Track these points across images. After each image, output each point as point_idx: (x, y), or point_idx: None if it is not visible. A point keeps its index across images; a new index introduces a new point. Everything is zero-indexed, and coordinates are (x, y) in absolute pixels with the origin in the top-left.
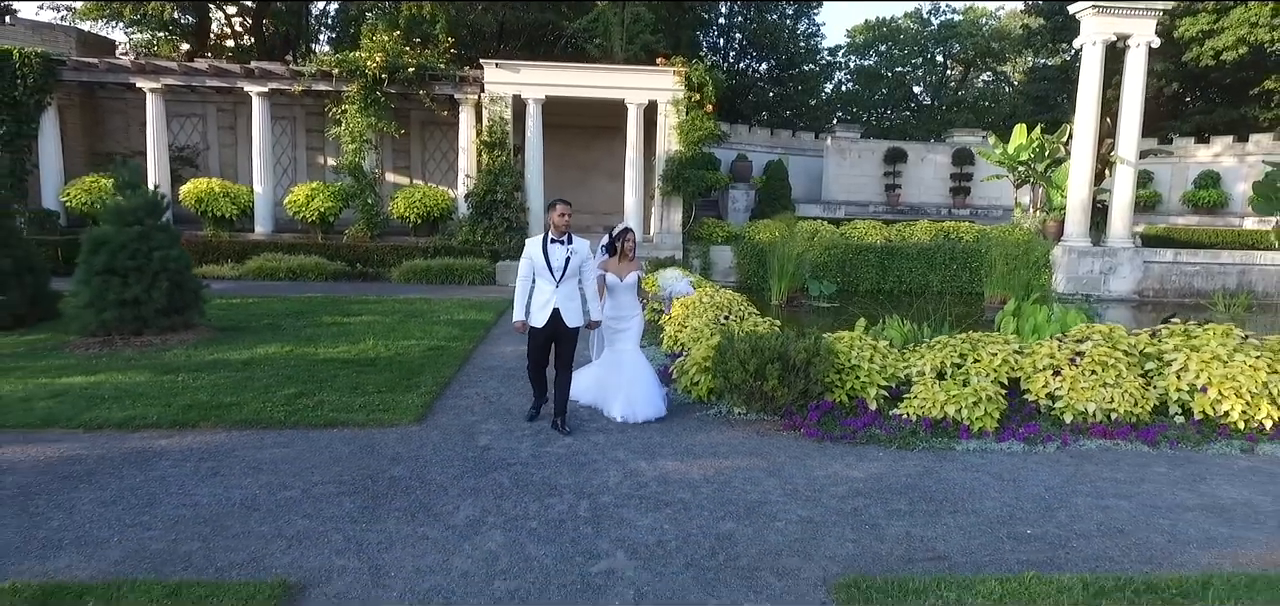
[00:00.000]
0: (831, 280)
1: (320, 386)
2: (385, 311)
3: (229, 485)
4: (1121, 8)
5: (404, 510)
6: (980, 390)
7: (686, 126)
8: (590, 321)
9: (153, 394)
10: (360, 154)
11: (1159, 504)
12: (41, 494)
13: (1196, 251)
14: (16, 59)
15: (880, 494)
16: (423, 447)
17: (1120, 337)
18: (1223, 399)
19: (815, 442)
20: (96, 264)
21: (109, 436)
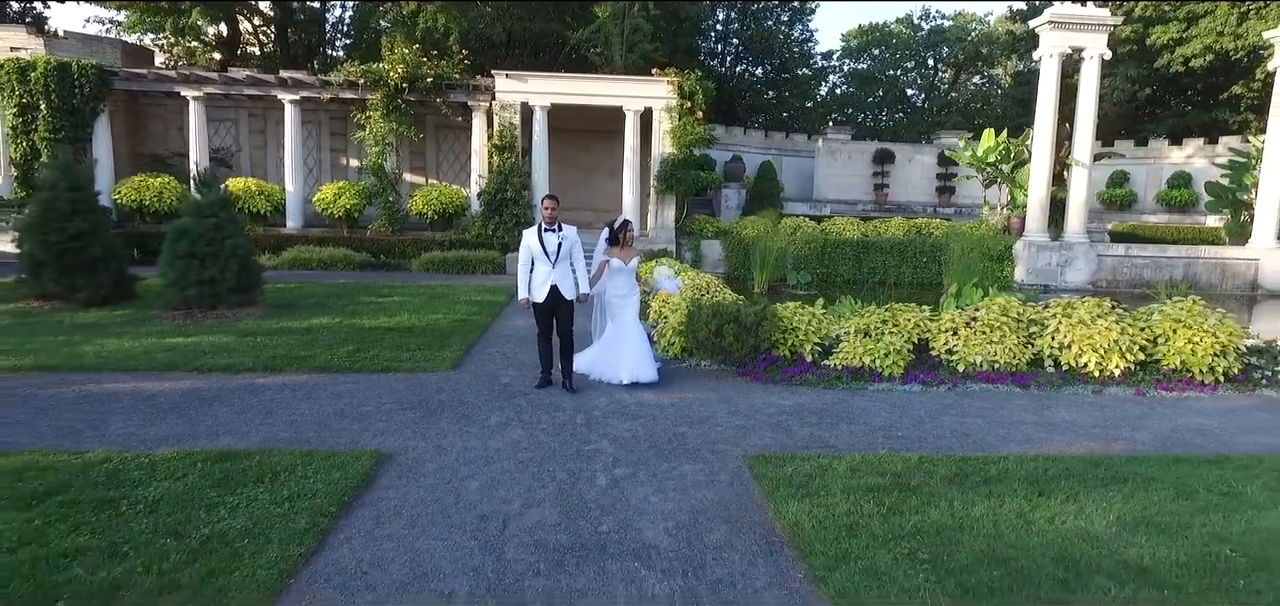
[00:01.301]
0: (812, 272)
1: (372, 345)
2: (412, 294)
3: (321, 404)
4: (1076, 23)
5: (451, 418)
6: (890, 345)
7: (679, 131)
8: (581, 295)
9: (241, 349)
10: (382, 156)
11: (1006, 421)
12: (189, 408)
13: (1146, 246)
14: (75, 70)
15: (799, 413)
16: (459, 384)
17: (1011, 308)
18: (1083, 353)
19: (760, 384)
20: (180, 249)
21: (220, 376)
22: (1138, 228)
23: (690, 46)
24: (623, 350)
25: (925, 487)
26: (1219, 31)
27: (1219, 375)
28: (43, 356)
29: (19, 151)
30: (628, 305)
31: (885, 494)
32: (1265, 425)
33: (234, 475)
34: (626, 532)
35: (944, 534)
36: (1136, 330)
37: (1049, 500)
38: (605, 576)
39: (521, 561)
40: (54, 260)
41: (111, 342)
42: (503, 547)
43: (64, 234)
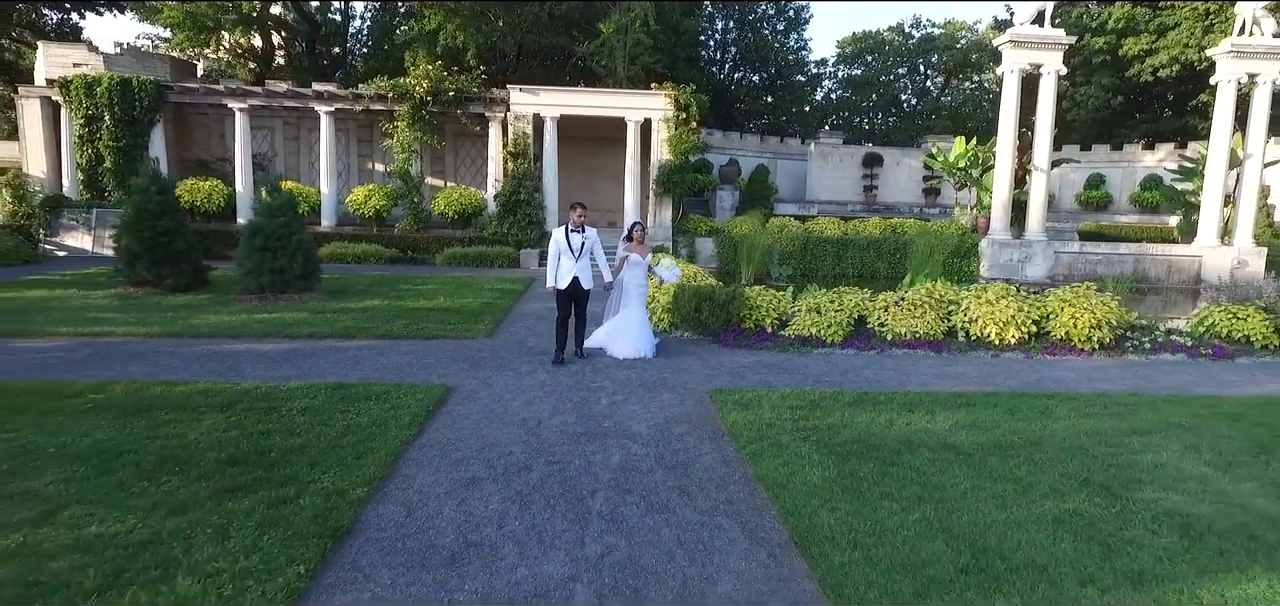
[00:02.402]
0: (795, 267)
1: (420, 320)
2: (442, 283)
3: (393, 359)
4: (1035, 42)
5: (492, 367)
6: (833, 319)
7: (676, 140)
8: (606, 284)
9: (318, 322)
10: (408, 162)
11: (912, 373)
12: (296, 360)
13: (1100, 244)
14: (135, 85)
15: (755, 367)
16: (494, 347)
17: (934, 292)
18: (986, 326)
19: (729, 349)
20: (255, 244)
21: (308, 341)
22: (1103, 227)
23: (690, 56)
24: (628, 331)
25: (828, 407)
26: (1185, 44)
27: (1095, 344)
28: (166, 327)
29: (85, 157)
30: (640, 293)
31: (799, 410)
32: (1109, 377)
33: (350, 396)
34: (621, 427)
35: (831, 429)
36: (1031, 308)
37: (912, 414)
38: (606, 446)
39: (553, 439)
40: (147, 252)
41: (212, 318)
42: (540, 433)
43: (155, 231)
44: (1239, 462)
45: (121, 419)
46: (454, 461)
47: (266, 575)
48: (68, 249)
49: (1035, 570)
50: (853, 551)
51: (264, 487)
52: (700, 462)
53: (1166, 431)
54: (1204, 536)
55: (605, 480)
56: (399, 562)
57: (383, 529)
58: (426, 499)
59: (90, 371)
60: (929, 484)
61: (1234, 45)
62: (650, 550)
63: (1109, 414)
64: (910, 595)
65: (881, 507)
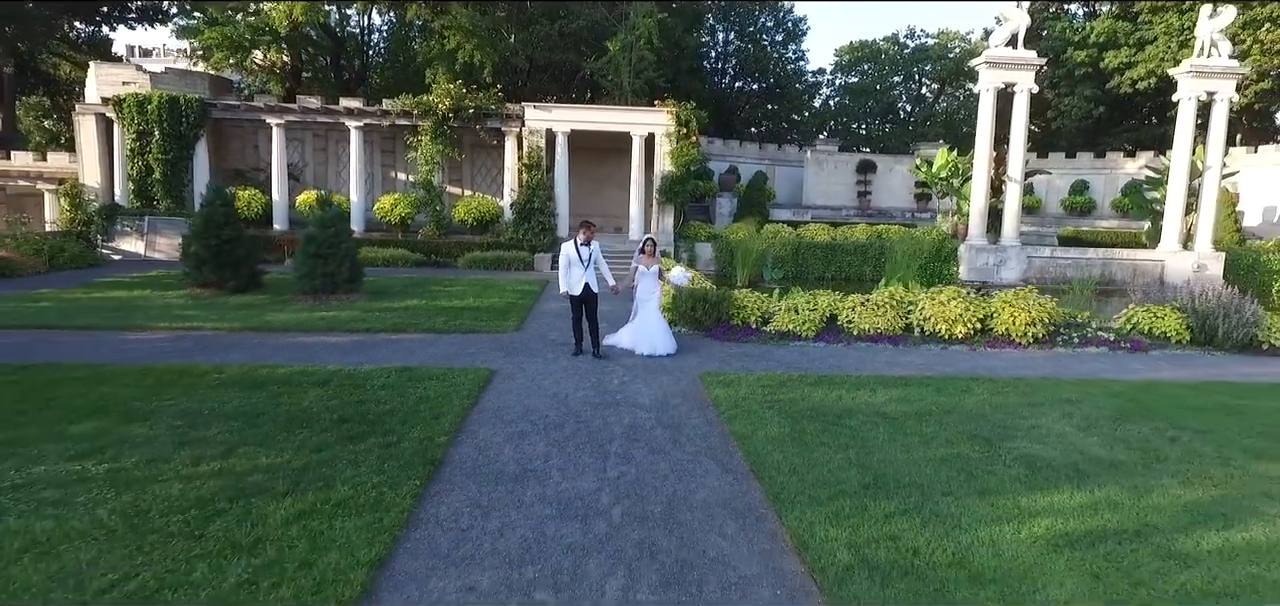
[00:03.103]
0: (786, 270)
1: (456, 317)
2: (469, 285)
3: (441, 349)
4: (1007, 63)
5: (524, 355)
6: (807, 316)
7: (677, 152)
8: (612, 287)
9: (370, 320)
10: (431, 173)
11: (869, 361)
12: (361, 350)
13: (1068, 249)
14: (182, 103)
15: (739, 356)
16: (523, 339)
17: (896, 295)
18: (938, 323)
19: (719, 342)
20: (310, 251)
21: (365, 335)
22: (1081, 232)
23: (692, 67)
24: (646, 331)
25: (793, 385)
26: (1161, 58)
27: (1030, 338)
28: (243, 322)
29: (135, 169)
30: (652, 298)
31: (769, 388)
32: (1034, 365)
33: (415, 377)
34: (629, 399)
35: (792, 402)
36: (976, 308)
37: (858, 391)
38: (619, 412)
39: (578, 407)
40: (212, 258)
41: (279, 315)
42: (568, 402)
43: (220, 239)
44: (1097, 425)
45: (245, 391)
46: (505, 421)
47: (395, 485)
48: (122, 253)
49: (914, 486)
50: (791, 476)
51: (373, 436)
52: (689, 423)
53: (1054, 404)
54: (1042, 470)
55: (619, 433)
56: (480, 480)
57: (463, 462)
58: (490, 444)
59: (201, 357)
60: (857, 437)
61: (1193, 66)
62: (650, 474)
63: (1016, 392)
64: (825, 499)
65: (817, 451)
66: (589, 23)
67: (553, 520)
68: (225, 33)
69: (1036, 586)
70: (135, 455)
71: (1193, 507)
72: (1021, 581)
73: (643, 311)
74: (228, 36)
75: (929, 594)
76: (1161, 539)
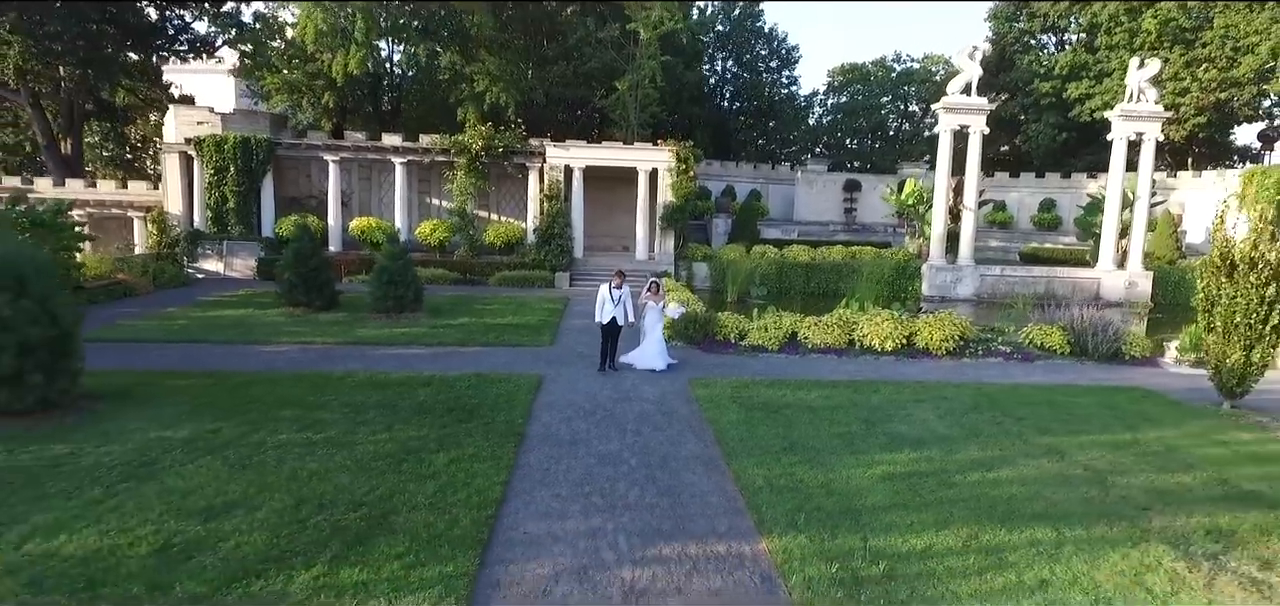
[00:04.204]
0: (771, 286)
1: (502, 333)
2: (504, 303)
3: (499, 359)
4: (962, 108)
5: (561, 365)
6: (773, 334)
7: (677, 186)
8: (630, 321)
9: (437, 335)
10: (465, 202)
11: (816, 369)
12: (439, 360)
13: (1016, 268)
14: (253, 143)
15: (718, 366)
16: (558, 352)
17: (845, 318)
18: (873, 338)
19: (705, 353)
20: (383, 278)
21: (438, 347)
22: (1038, 250)
23: (693, 95)
24: (649, 352)
25: (754, 387)
26: (1115, 91)
27: (944, 350)
28: (342, 337)
29: (212, 199)
30: (655, 328)
31: (735, 389)
32: (939, 372)
33: (488, 380)
34: (639, 396)
35: (750, 398)
36: (903, 327)
37: (797, 391)
38: (631, 404)
39: (604, 401)
40: (303, 283)
41: (366, 331)
42: (597, 398)
43: (308, 267)
44: (951, 414)
45: (375, 390)
46: (557, 409)
47: (499, 446)
48: (204, 272)
49: (812, 448)
50: (738, 443)
51: (475, 420)
52: (679, 412)
53: (932, 401)
54: (897, 440)
55: (632, 417)
56: (548, 443)
57: (536, 434)
58: (551, 423)
59: (327, 366)
60: (786, 421)
61: (1123, 110)
62: (653, 441)
63: (909, 392)
64: (756, 454)
65: (758, 429)
66: (601, 64)
67: (595, 464)
68: (286, 78)
69: (863, 497)
70: (332, 430)
71: (977, 461)
72: (855, 494)
73: (648, 338)
74: (288, 81)
75: (799, 498)
76: (945, 475)
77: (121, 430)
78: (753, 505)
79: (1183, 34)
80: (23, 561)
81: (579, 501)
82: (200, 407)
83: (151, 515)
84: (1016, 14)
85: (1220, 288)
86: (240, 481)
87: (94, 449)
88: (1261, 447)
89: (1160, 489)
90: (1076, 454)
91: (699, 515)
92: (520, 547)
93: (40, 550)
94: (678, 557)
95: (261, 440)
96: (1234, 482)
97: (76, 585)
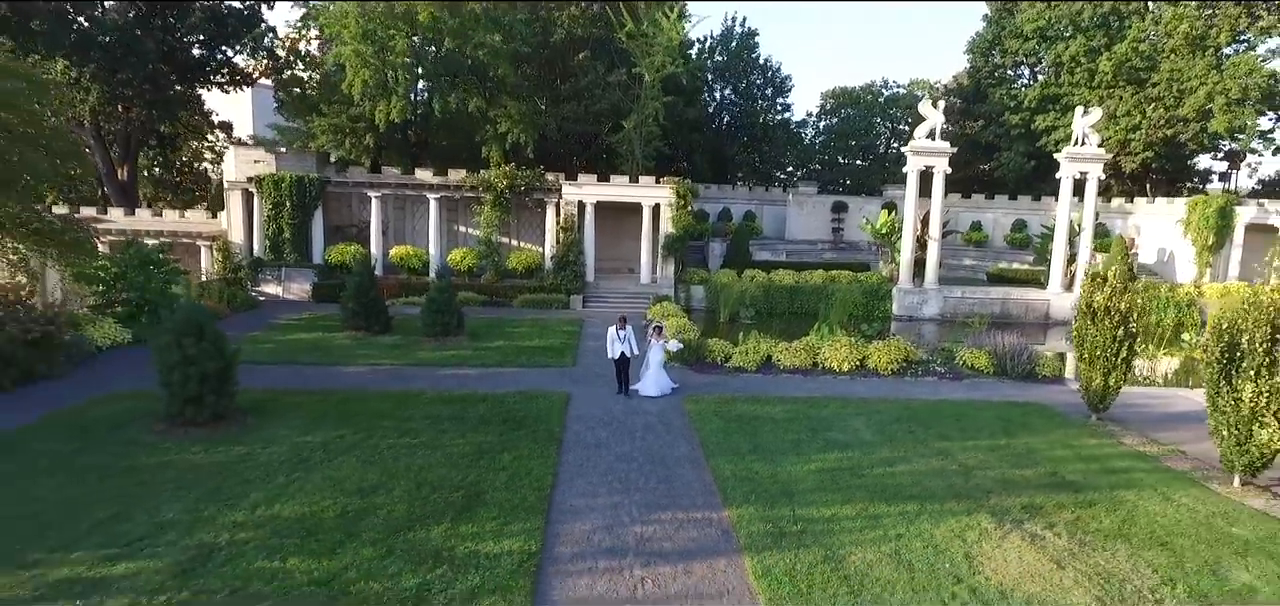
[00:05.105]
0: (760, 307)
1: (531, 355)
2: (530, 325)
3: (533, 378)
4: (927, 152)
5: (583, 384)
6: (752, 357)
7: (677, 218)
8: (635, 354)
9: (481, 357)
10: (491, 232)
11: (783, 387)
12: (487, 380)
13: (974, 289)
14: (307, 181)
15: (706, 385)
16: (579, 372)
17: (811, 345)
18: (833, 360)
19: (697, 372)
20: (432, 307)
21: (483, 368)
22: (1003, 270)
23: (694, 123)
24: (653, 381)
25: (732, 403)
26: None
27: (890, 371)
28: (404, 359)
29: (270, 230)
30: (658, 361)
31: (719, 403)
32: (882, 390)
33: (529, 396)
34: (644, 411)
35: (728, 412)
36: (857, 350)
37: (765, 406)
38: (639, 417)
39: (618, 414)
40: (363, 311)
41: (423, 354)
42: (612, 412)
43: (367, 297)
44: (880, 425)
45: (444, 405)
46: (583, 420)
47: (545, 447)
48: (265, 295)
49: (770, 450)
50: (717, 446)
51: (523, 429)
52: (675, 423)
53: (867, 414)
54: (832, 443)
55: (640, 427)
56: (580, 446)
57: (570, 439)
58: (580, 431)
59: (401, 384)
60: (754, 429)
61: (1069, 153)
62: (655, 444)
63: (851, 407)
64: (729, 455)
65: (732, 436)
66: (609, 104)
67: (614, 461)
68: (331, 122)
69: (797, 483)
70: (423, 436)
71: (885, 459)
72: (792, 482)
73: (652, 370)
74: (333, 125)
75: (753, 485)
76: (858, 470)
77: (274, 436)
78: (721, 488)
79: (1135, 74)
80: (261, 520)
81: (605, 485)
82: (321, 419)
83: (325, 493)
84: (991, 49)
85: (1087, 328)
86: (374, 472)
87: (263, 450)
88: (1097, 450)
89: (1006, 479)
90: (959, 454)
91: (684, 495)
92: (569, 514)
93: (267, 514)
94: (670, 520)
95: (376, 443)
96: (1061, 474)
97: (300, 533)
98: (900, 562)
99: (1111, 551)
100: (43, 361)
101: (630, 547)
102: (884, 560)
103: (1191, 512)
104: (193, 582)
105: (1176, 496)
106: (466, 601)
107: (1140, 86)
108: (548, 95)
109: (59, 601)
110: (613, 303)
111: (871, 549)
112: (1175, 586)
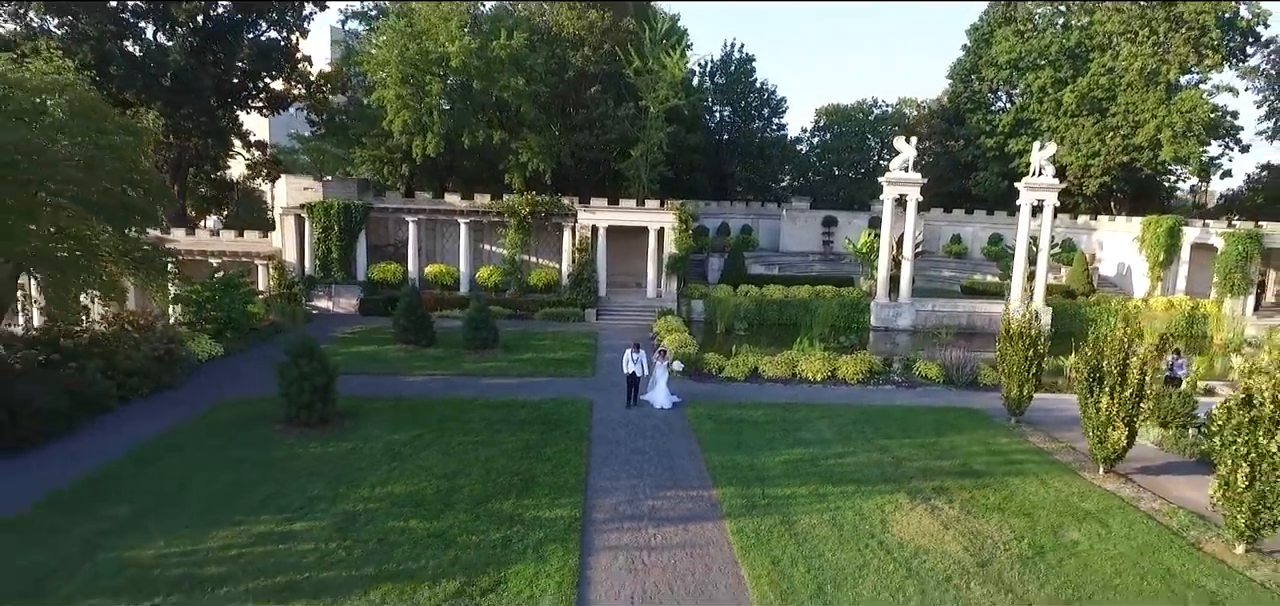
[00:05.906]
0: (753, 319)
1: (556, 366)
2: (552, 338)
3: (559, 387)
4: (902, 182)
5: (602, 392)
6: (742, 369)
7: (679, 240)
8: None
9: (515, 368)
10: (514, 252)
11: (767, 394)
12: (524, 389)
13: (944, 302)
14: (353, 208)
15: (704, 394)
16: (598, 382)
17: (793, 358)
18: (809, 371)
19: (696, 382)
20: (472, 324)
21: (518, 378)
22: (975, 283)
23: (697, 146)
24: (658, 395)
25: (723, 408)
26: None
27: (856, 380)
28: (452, 369)
29: (320, 251)
30: (661, 378)
31: (712, 408)
32: (847, 396)
33: (561, 402)
34: (653, 416)
35: (720, 415)
36: (828, 362)
37: (750, 411)
38: (649, 420)
39: (633, 418)
40: (412, 326)
41: (466, 365)
42: (628, 416)
43: (416, 315)
44: (839, 426)
45: (494, 410)
46: (605, 423)
47: (578, 444)
48: (317, 309)
49: (751, 446)
50: (710, 442)
51: (558, 430)
52: (677, 425)
53: (829, 417)
54: (799, 440)
55: (650, 428)
56: (604, 442)
57: (597, 437)
58: (604, 431)
59: (454, 393)
60: (740, 429)
61: (1027, 183)
62: (662, 440)
63: (818, 412)
64: (719, 450)
65: (723, 434)
66: (618, 134)
67: (632, 453)
68: (373, 152)
69: (769, 471)
70: (482, 435)
71: (838, 453)
72: (765, 470)
73: (658, 385)
74: (373, 156)
75: (736, 471)
76: (815, 461)
77: (370, 436)
78: (712, 474)
79: (1097, 104)
80: (380, 496)
81: (625, 472)
82: (401, 421)
83: (421, 477)
84: (969, 75)
85: (1006, 350)
86: (452, 462)
87: (365, 446)
88: (1006, 447)
89: (927, 468)
90: (895, 450)
91: (684, 478)
92: (600, 492)
93: (383, 492)
94: (673, 496)
95: (449, 441)
96: (970, 465)
97: (411, 505)
98: (835, 525)
99: (987, 519)
100: (166, 373)
101: (645, 514)
102: (824, 524)
103: (1057, 493)
104: (350, 536)
105: (1051, 481)
106: (538, 547)
107: (1101, 116)
108: (562, 123)
109: (268, 543)
110: (623, 316)
111: (816, 516)
112: (1022, 541)
